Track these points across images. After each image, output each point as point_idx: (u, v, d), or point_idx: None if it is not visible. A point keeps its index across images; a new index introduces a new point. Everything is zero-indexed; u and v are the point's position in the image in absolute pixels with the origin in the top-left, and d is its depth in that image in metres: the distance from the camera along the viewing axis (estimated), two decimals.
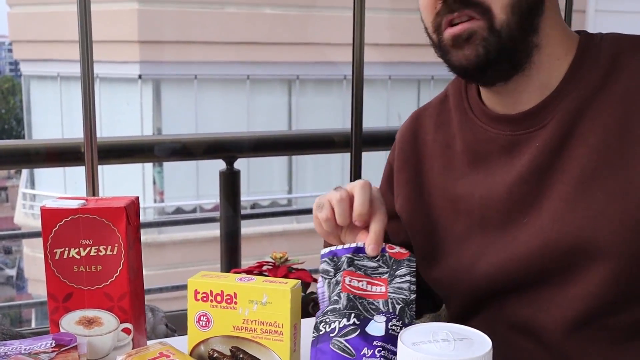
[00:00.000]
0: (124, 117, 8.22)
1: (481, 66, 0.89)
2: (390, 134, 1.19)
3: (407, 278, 0.89)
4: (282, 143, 2.01)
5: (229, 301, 0.86)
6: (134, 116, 8.19)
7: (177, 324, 1.35)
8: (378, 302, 0.86)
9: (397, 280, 0.89)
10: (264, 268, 1.42)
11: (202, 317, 0.87)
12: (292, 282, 0.86)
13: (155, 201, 8.28)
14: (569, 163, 0.89)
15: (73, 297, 0.89)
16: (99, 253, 0.89)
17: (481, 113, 0.98)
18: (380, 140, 2.01)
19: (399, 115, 8.72)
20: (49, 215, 0.88)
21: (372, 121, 1.99)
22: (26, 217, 8.69)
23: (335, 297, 0.88)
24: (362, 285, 0.89)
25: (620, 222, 0.85)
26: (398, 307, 0.86)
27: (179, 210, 8.19)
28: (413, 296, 0.87)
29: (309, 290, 1.44)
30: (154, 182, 8.33)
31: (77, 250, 0.88)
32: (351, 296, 0.88)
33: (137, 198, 0.94)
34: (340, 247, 0.92)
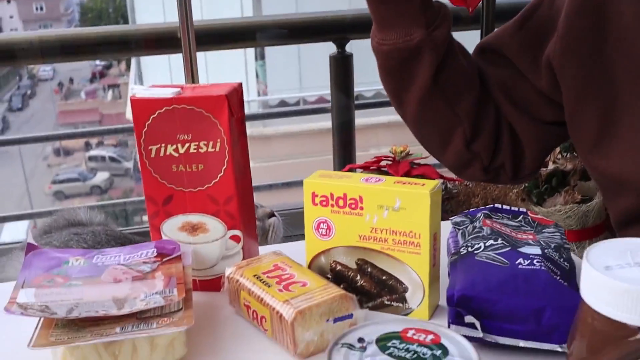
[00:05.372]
0: None
1: None
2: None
3: (558, 236, 0.73)
4: None
5: (353, 206, 0.71)
6: None
7: (291, 224, 1.23)
8: (527, 240, 0.71)
9: (546, 234, 0.73)
10: (383, 163, 1.26)
11: (321, 224, 0.74)
12: (431, 183, 0.70)
13: (258, 94, 8.25)
14: None
15: (174, 200, 0.78)
16: (200, 150, 0.75)
17: None
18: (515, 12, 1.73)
19: None
20: (140, 107, 0.75)
21: None
22: None
23: (477, 230, 0.73)
24: (507, 230, 0.73)
25: None
26: (552, 244, 0.70)
27: (282, 103, 8.13)
28: (568, 253, 0.71)
29: None
30: (257, 76, 8.26)
31: (174, 146, 0.76)
32: (495, 230, 0.72)
33: (240, 85, 0.79)
34: (474, 209, 0.80)
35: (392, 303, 0.72)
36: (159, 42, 1.50)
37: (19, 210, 14.54)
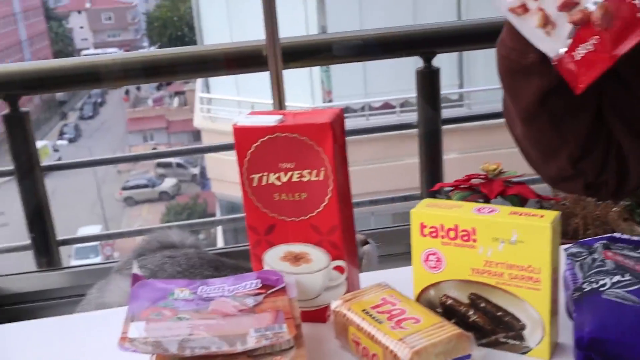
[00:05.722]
0: (285, 15, 8.09)
1: None
2: None
3: None
4: (484, 33, 1.62)
5: (465, 238, 0.68)
6: (297, 13, 8.03)
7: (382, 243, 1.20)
8: None
9: None
10: (474, 182, 1.22)
11: (430, 256, 0.70)
12: (550, 215, 0.66)
13: (323, 101, 8.26)
14: None
15: (276, 230, 0.76)
16: (302, 178, 0.74)
17: None
18: None
19: None
20: (243, 135, 0.74)
21: None
22: (204, 120, 9.08)
23: (599, 264, 0.68)
24: (630, 263, 0.68)
25: None
26: None
27: (347, 110, 8.11)
28: None
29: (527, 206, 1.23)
30: (322, 82, 8.27)
31: (277, 175, 0.74)
32: (619, 264, 0.67)
33: (342, 110, 0.77)
34: (589, 238, 0.75)
35: (509, 340, 0.68)
36: (241, 61, 1.50)
37: (91, 215, 15.06)
